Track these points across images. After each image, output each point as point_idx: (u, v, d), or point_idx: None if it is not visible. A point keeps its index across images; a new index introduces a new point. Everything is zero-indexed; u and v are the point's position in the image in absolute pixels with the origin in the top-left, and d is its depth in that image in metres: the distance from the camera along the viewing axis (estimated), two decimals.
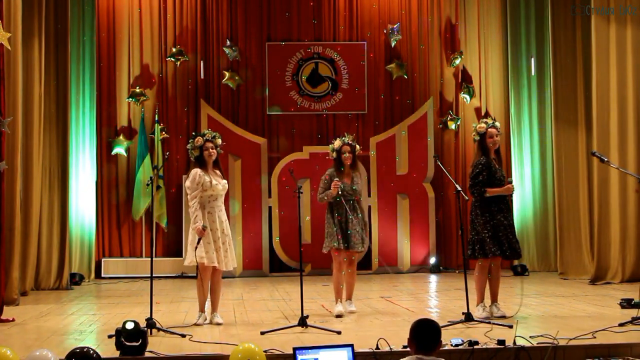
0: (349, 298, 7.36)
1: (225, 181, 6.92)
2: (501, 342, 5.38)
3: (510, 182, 6.99)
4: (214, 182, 6.76)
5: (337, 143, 7.35)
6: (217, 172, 6.89)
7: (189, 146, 6.94)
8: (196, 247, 6.58)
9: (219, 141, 6.95)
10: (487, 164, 6.90)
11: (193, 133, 7.71)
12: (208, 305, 6.84)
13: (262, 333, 6.08)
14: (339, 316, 7.02)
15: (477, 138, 7.00)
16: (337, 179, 7.21)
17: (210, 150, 6.81)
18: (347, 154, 7.28)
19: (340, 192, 7.15)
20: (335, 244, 7.15)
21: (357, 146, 7.45)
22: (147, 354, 5.27)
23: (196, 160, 6.86)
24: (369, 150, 11.51)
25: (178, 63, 11.56)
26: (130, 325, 5.23)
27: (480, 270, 6.94)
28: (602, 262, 9.75)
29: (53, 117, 10.09)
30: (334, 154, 7.37)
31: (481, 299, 6.93)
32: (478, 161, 6.95)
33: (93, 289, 10.07)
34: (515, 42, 11.90)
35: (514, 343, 5.36)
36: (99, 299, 9.21)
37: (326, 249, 7.29)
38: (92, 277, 10.89)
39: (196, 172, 6.77)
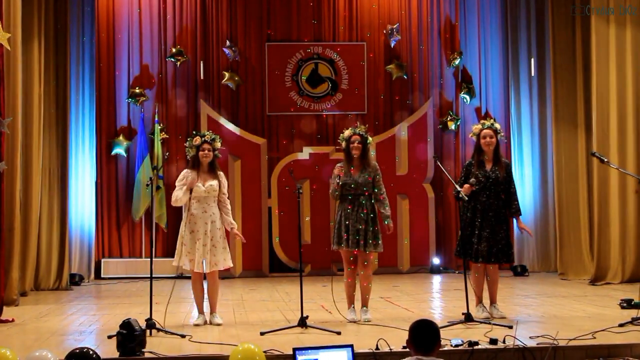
0: (364, 305, 6.80)
1: (215, 182, 6.74)
2: (493, 341, 5.39)
3: (472, 183, 6.78)
4: (197, 183, 6.70)
5: (347, 132, 6.91)
6: (212, 174, 6.79)
7: (187, 144, 6.94)
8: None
9: (218, 144, 6.90)
10: (468, 165, 7.03)
11: (193, 132, 7.67)
12: (207, 305, 6.84)
13: (262, 333, 6.08)
14: (352, 321, 6.66)
15: (474, 138, 7.09)
16: (339, 166, 6.82)
17: (206, 151, 6.78)
18: (357, 144, 6.81)
19: (339, 183, 6.72)
20: (336, 243, 6.79)
21: (369, 138, 6.96)
22: (147, 354, 5.27)
23: (191, 159, 6.85)
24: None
25: (178, 63, 11.55)
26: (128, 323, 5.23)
27: (475, 270, 6.96)
28: (602, 262, 9.74)
29: (53, 117, 10.09)
30: (344, 144, 6.90)
31: (479, 300, 6.93)
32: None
33: (93, 290, 10.06)
34: (515, 42, 11.89)
35: (504, 341, 5.37)
36: (99, 299, 9.21)
37: (333, 247, 6.88)
38: (92, 278, 10.88)
39: (184, 172, 6.84)
